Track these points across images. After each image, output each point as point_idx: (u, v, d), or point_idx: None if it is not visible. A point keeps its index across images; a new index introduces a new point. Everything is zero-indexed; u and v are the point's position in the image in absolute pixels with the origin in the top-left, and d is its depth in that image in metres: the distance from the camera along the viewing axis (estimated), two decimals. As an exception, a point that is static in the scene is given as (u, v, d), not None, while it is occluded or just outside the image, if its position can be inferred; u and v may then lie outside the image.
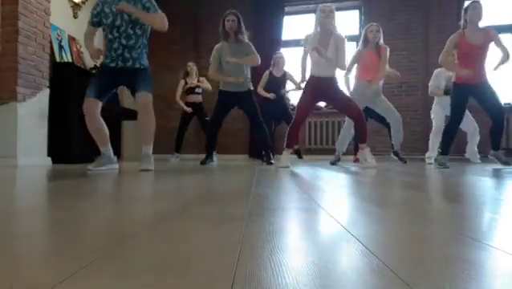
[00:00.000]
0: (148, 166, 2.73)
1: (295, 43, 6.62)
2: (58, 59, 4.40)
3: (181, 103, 5.36)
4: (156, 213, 0.92)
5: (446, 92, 4.41)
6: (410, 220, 0.85)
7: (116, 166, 2.90)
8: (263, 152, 4.04)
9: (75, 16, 5.04)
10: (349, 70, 4.12)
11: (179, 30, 6.52)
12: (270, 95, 4.93)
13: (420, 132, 6.15)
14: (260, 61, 3.87)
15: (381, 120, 4.38)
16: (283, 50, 6.17)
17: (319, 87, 3.33)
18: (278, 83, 5.00)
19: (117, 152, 5.33)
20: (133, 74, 2.81)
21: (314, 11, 6.81)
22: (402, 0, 6.21)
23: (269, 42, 6.24)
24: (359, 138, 3.46)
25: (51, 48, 4.18)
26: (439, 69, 4.61)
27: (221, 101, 3.92)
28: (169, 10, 6.42)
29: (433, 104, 4.80)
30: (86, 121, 2.75)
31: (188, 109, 5.32)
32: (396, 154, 4.23)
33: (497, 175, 2.46)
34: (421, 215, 0.92)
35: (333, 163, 4.07)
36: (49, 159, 3.81)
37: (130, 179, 2.03)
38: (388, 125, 4.39)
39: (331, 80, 3.36)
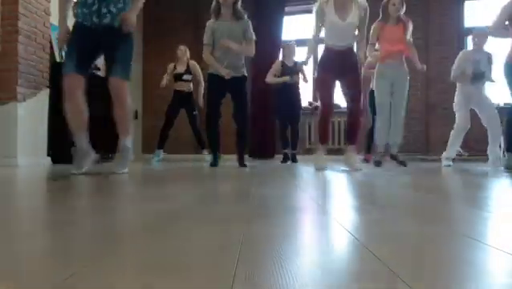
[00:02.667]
0: (119, 168, 2.34)
1: (295, 43, 6.62)
2: (58, 59, 4.39)
3: (164, 80, 4.86)
4: (156, 213, 0.92)
5: (476, 77, 3.86)
6: (410, 220, 0.85)
7: (94, 156, 2.49)
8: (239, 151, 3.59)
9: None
10: (373, 44, 3.64)
11: (180, 30, 6.52)
12: (285, 79, 4.54)
13: (420, 132, 6.15)
14: (254, 52, 3.47)
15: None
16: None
17: (337, 59, 2.92)
18: (292, 73, 4.63)
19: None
20: (113, 37, 2.32)
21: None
22: (402, 0, 6.21)
23: (269, 42, 6.24)
24: (350, 137, 3.09)
25: (51, 48, 4.18)
26: (465, 50, 4.13)
27: (213, 86, 3.44)
28: (169, 7, 6.45)
29: (456, 95, 4.14)
30: (66, 103, 2.29)
31: (164, 82, 4.83)
32: (394, 158, 3.76)
33: (497, 175, 2.46)
34: (421, 215, 0.92)
35: (377, 164, 3.60)
36: (49, 159, 3.81)
37: (129, 179, 2.03)
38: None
39: (350, 51, 2.97)
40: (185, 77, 4.86)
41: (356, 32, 2.98)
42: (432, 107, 6.02)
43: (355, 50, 3.10)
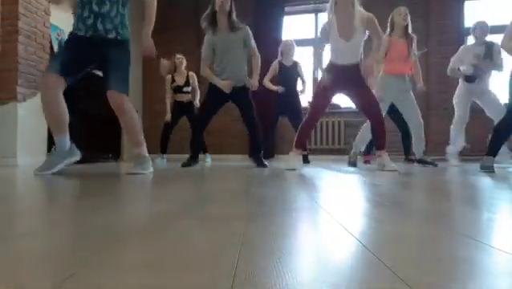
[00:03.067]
0: (137, 170, 2.37)
1: (295, 43, 6.63)
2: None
3: (167, 107, 4.84)
4: (156, 213, 0.92)
5: (469, 79, 3.84)
6: (410, 220, 0.85)
7: (76, 157, 2.44)
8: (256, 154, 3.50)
9: (75, 16, 5.03)
10: (381, 58, 3.55)
11: (180, 30, 6.52)
12: (278, 88, 4.39)
13: (420, 132, 6.14)
14: (260, 59, 3.45)
15: (398, 120, 4.01)
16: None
17: (341, 75, 2.88)
18: (290, 74, 4.47)
19: (117, 152, 5.33)
20: (107, 49, 2.30)
21: (314, 11, 6.83)
22: (402, 0, 6.21)
23: (269, 42, 6.24)
24: (378, 144, 3.05)
25: (51, 48, 4.18)
26: (466, 45, 4.02)
27: (212, 97, 3.39)
28: (170, 10, 6.45)
29: (457, 88, 4.03)
30: (42, 101, 2.26)
31: (168, 116, 4.82)
32: (420, 161, 3.67)
33: (497, 175, 2.46)
34: (420, 215, 0.92)
35: (353, 164, 3.58)
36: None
37: (129, 179, 2.03)
38: (402, 128, 4.05)
39: (356, 67, 2.91)
40: (185, 89, 4.83)
41: (361, 49, 2.92)
42: (432, 108, 6.02)
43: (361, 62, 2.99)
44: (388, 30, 3.57)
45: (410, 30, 3.52)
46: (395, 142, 5.32)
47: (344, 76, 2.88)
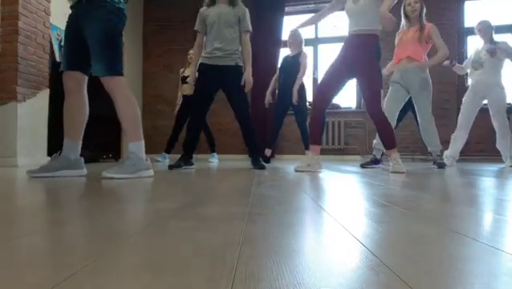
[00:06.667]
0: (112, 173, 1.99)
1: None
2: (58, 59, 4.40)
3: (178, 98, 5.06)
4: (156, 213, 0.92)
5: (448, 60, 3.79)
6: (409, 219, 0.85)
7: (79, 172, 2.16)
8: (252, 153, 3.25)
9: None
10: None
11: (180, 30, 6.52)
12: (268, 99, 4.46)
13: (419, 132, 6.13)
14: (250, 44, 3.14)
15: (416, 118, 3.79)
16: (283, 51, 6.17)
17: (351, 46, 2.63)
18: (290, 64, 4.38)
19: (117, 153, 5.32)
20: (85, 20, 1.96)
21: (314, 11, 6.83)
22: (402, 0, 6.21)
23: (269, 42, 6.24)
24: (383, 142, 2.75)
25: (51, 48, 4.18)
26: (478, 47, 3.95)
27: (202, 79, 3.05)
28: (170, 10, 6.45)
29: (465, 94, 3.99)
30: (65, 100, 2.13)
31: (178, 101, 5.01)
32: (434, 163, 3.52)
33: (498, 175, 2.46)
34: (420, 215, 0.92)
35: (364, 166, 3.43)
36: (49, 159, 3.81)
37: (129, 179, 2.03)
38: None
39: (369, 39, 2.61)
40: (189, 80, 4.88)
41: (371, 17, 2.64)
42: (432, 108, 6.01)
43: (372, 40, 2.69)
44: (402, 24, 3.48)
45: (424, 19, 3.40)
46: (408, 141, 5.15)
47: (354, 48, 2.64)
